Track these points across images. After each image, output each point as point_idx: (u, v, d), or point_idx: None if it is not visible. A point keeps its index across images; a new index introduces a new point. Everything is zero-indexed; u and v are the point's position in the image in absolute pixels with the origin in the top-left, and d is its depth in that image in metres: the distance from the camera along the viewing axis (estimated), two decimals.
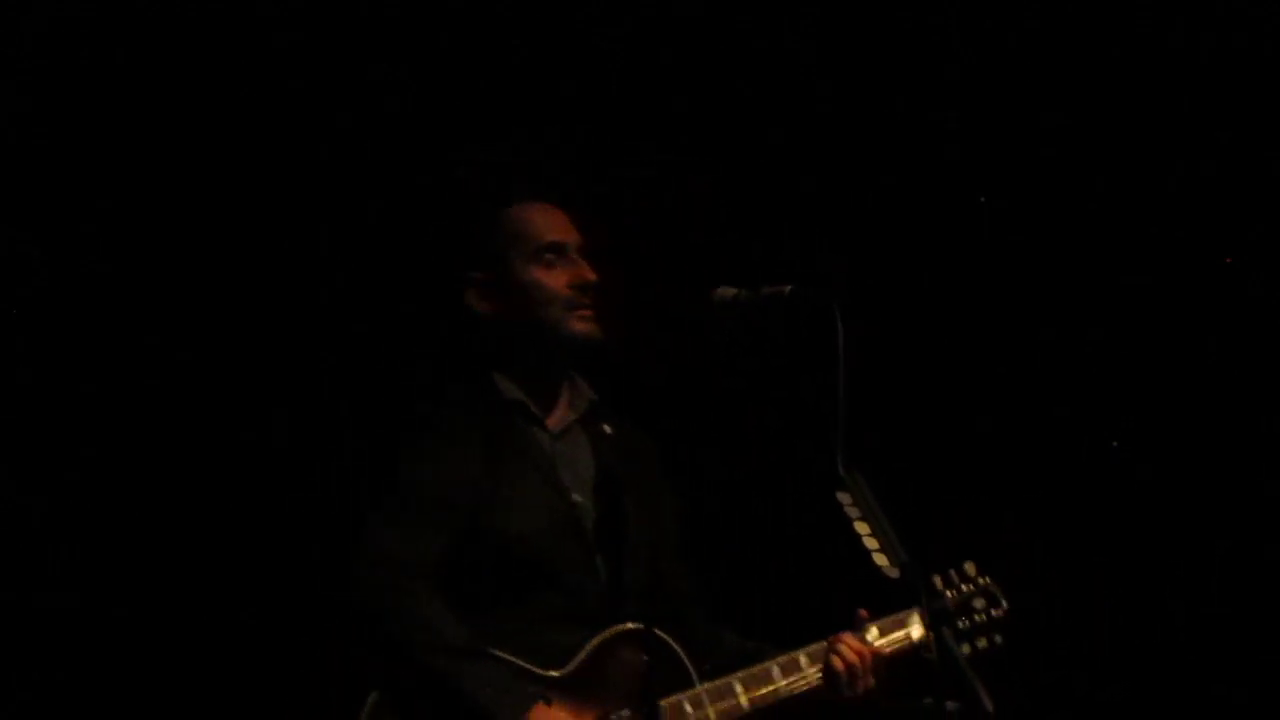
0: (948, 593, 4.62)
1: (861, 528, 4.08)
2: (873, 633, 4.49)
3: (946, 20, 5.77)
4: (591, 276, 4.46)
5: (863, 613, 4.49)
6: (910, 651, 4.51)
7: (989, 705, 3.70)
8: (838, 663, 4.41)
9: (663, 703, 4.28)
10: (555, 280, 4.45)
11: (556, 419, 4.52)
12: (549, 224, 4.52)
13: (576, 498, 4.45)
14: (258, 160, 5.40)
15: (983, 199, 5.88)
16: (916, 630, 4.52)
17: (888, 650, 4.48)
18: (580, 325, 4.44)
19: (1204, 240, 5.89)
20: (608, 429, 4.56)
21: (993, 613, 4.64)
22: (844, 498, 3.98)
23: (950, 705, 3.72)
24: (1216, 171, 5.84)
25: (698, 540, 4.72)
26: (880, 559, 4.36)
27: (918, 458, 5.58)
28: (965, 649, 4.58)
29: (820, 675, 4.43)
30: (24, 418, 5.32)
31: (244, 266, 5.40)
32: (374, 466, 4.43)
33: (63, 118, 5.31)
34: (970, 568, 4.67)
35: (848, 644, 4.43)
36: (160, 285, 5.37)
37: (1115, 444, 5.85)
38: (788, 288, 3.98)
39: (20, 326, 5.34)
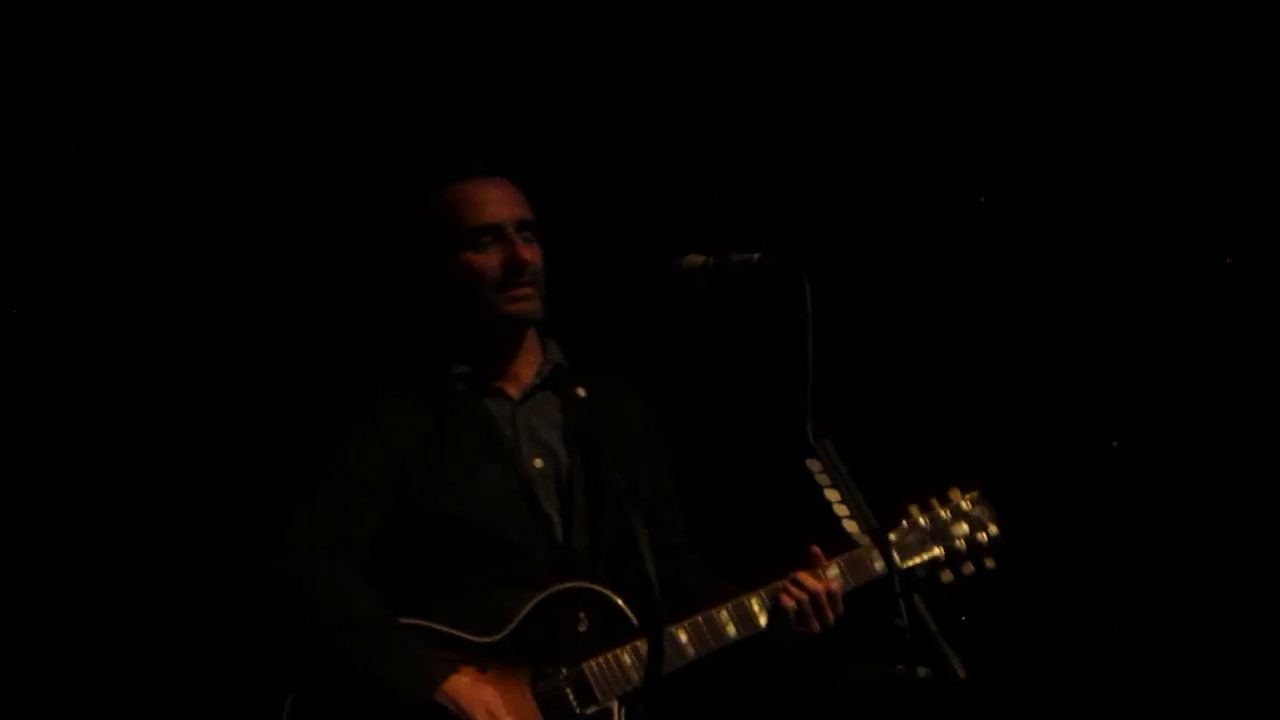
0: (921, 519, 4.55)
1: (831, 495, 4.07)
2: (832, 570, 4.40)
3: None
4: (524, 256, 4.39)
5: (815, 549, 4.38)
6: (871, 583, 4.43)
7: (960, 672, 3.68)
8: (786, 600, 4.33)
9: (602, 658, 4.28)
10: (488, 263, 4.39)
11: (517, 386, 4.49)
12: (484, 203, 4.44)
13: (537, 463, 4.42)
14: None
15: (982, 199, 5.87)
16: (879, 562, 4.42)
17: (848, 586, 4.40)
18: (512, 307, 4.39)
19: (1204, 240, 5.87)
20: (581, 391, 4.52)
21: (979, 537, 4.56)
22: (814, 465, 3.97)
23: (921, 672, 3.70)
24: (1216, 171, 5.81)
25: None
26: (850, 526, 4.36)
27: (888, 427, 5.57)
28: (948, 576, 4.53)
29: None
30: (22, 417, 5.35)
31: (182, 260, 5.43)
32: (307, 445, 4.45)
33: (62, 117, 5.35)
34: (954, 493, 4.60)
35: (799, 580, 4.35)
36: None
37: (1115, 444, 5.81)
38: (756, 255, 3.98)
39: (20, 326, 5.37)
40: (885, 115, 5.86)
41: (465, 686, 4.15)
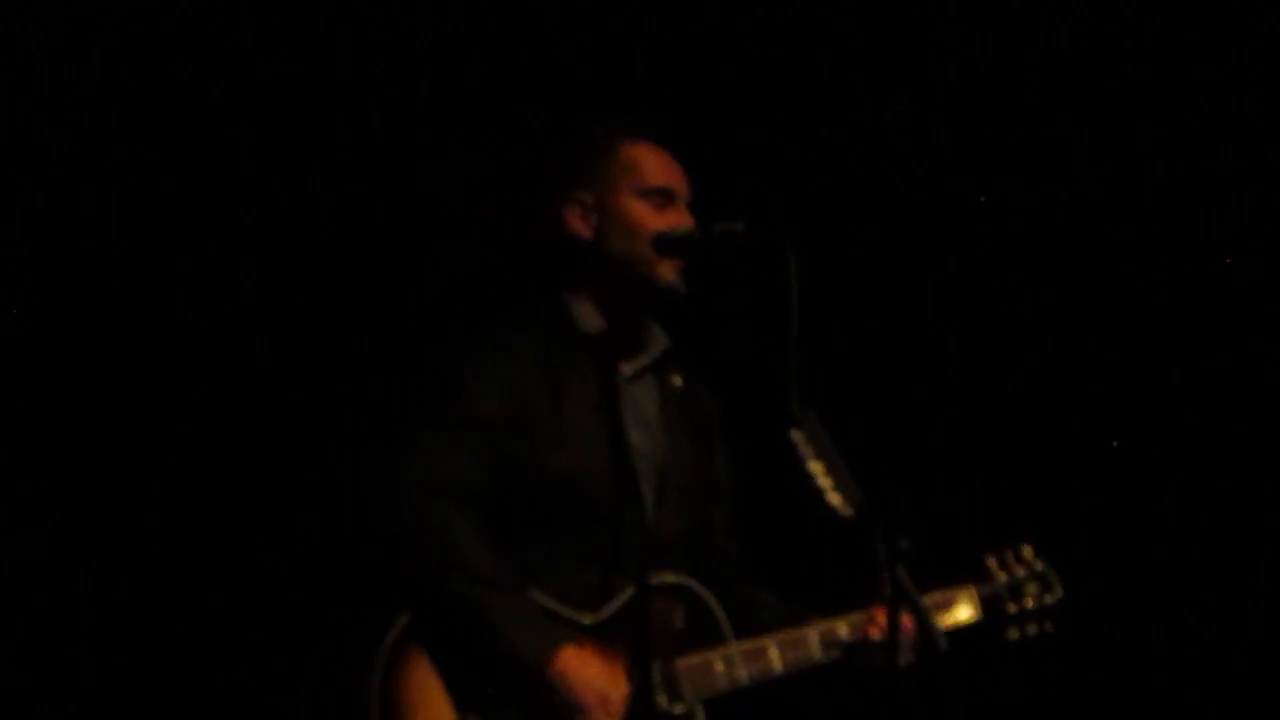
0: (1000, 574, 4.52)
1: (815, 467, 4.06)
2: None
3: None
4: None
5: None
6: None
7: (942, 644, 3.67)
8: (874, 633, 4.33)
9: (692, 660, 4.26)
10: (658, 222, 4.34)
11: (630, 361, 4.43)
12: (666, 169, 4.42)
13: (638, 441, 4.37)
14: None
15: (982, 199, 5.87)
16: (965, 611, 4.45)
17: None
18: (669, 274, 4.35)
19: (1204, 240, 5.86)
20: (678, 380, 4.49)
21: (1046, 599, 4.53)
22: (797, 437, 3.96)
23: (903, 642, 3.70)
24: (1216, 171, 5.81)
25: None
26: (834, 498, 4.33)
27: (887, 427, 5.56)
28: (1014, 634, 4.51)
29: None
30: (22, 417, 5.35)
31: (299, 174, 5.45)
32: (423, 378, 4.38)
33: (62, 117, 5.37)
34: (1027, 551, 4.56)
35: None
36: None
37: (1114, 444, 5.80)
38: (740, 226, 3.97)
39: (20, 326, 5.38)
40: (885, 115, 5.86)
41: (578, 666, 4.13)
